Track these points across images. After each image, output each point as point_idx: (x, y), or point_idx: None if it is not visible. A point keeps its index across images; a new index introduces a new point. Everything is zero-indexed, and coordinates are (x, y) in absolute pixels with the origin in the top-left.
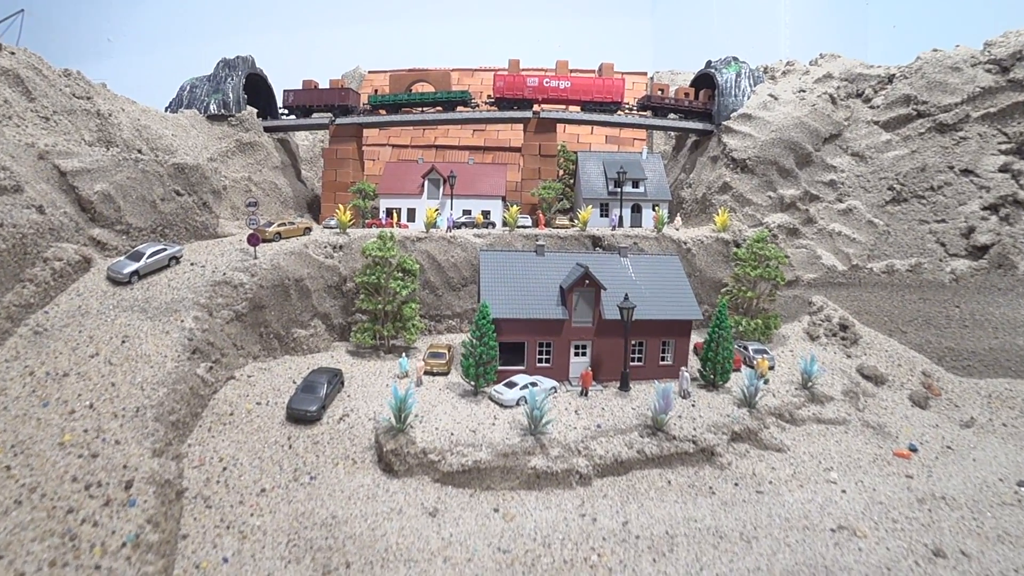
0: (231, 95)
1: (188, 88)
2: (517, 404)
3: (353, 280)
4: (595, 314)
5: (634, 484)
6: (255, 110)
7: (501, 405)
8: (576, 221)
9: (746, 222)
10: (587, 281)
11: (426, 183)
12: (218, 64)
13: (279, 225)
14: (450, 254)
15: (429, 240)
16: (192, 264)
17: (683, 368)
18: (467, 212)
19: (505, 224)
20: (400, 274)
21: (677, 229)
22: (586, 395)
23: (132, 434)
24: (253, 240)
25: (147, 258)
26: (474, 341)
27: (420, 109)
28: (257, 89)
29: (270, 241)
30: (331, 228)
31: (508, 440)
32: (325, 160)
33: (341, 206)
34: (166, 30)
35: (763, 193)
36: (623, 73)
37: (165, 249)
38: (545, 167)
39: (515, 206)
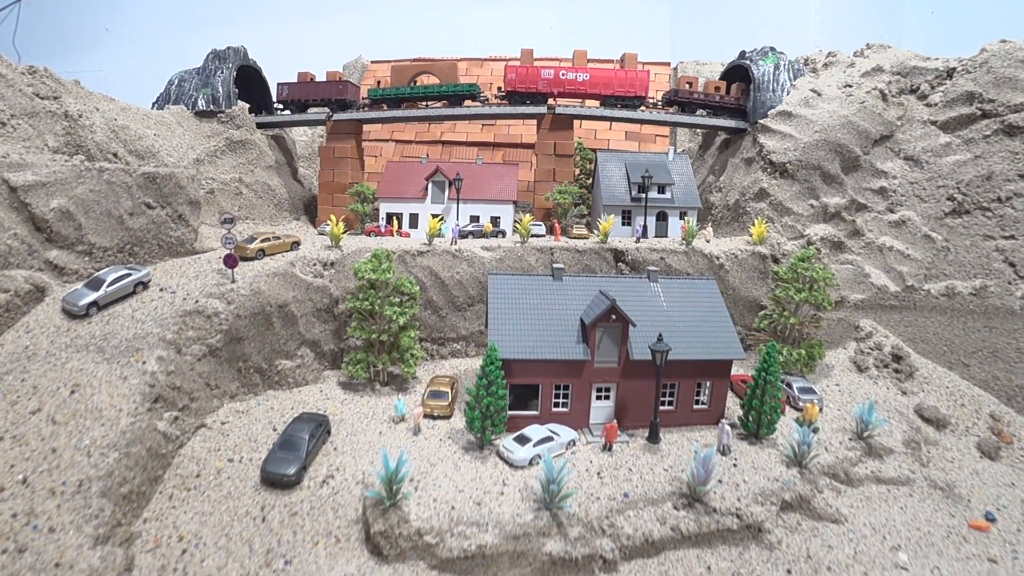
0: (220, 90)
1: (176, 82)
2: (530, 464)
3: (345, 303)
4: (621, 353)
5: (667, 570)
6: (246, 105)
7: (511, 465)
8: (596, 231)
9: (785, 234)
10: (613, 316)
11: (430, 186)
12: (208, 56)
13: (262, 241)
14: (455, 270)
15: (431, 254)
16: (161, 290)
17: (724, 421)
18: (475, 219)
19: (516, 231)
20: (397, 298)
21: (707, 241)
22: (610, 450)
23: (71, 517)
24: (229, 262)
25: (108, 286)
26: (480, 391)
27: (424, 103)
28: (250, 82)
29: (252, 259)
30: (325, 235)
31: (519, 517)
32: (321, 159)
33: (333, 217)
34: (165, 18)
35: (804, 201)
36: (644, 64)
37: (130, 274)
38: (560, 168)
39: (528, 215)
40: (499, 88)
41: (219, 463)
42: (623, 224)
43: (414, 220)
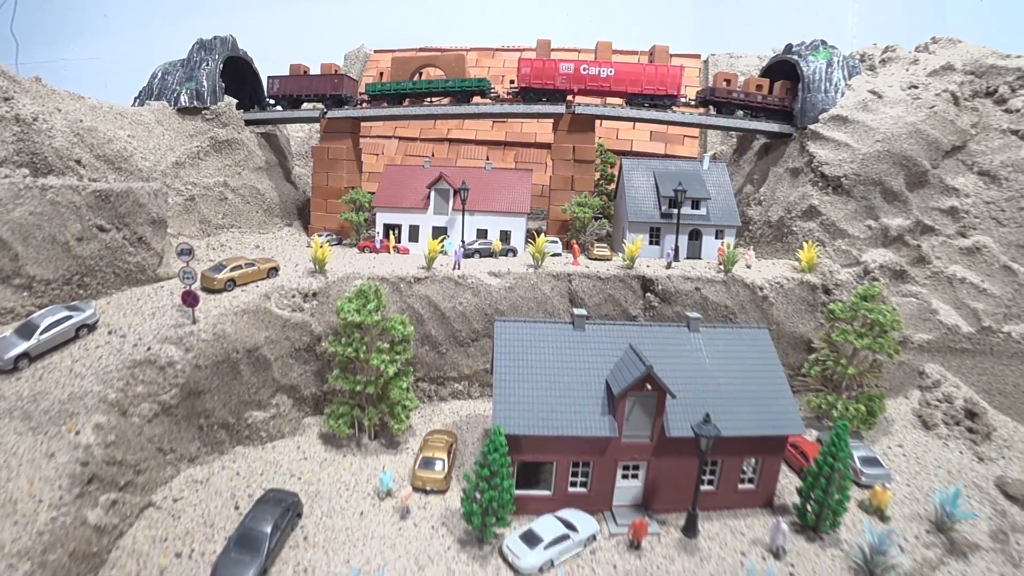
0: (205, 84)
1: (159, 75)
2: (540, 572)
3: (326, 344)
4: (655, 427)
5: None
6: (234, 101)
7: (516, 573)
8: (621, 254)
9: (838, 259)
10: (648, 385)
11: (432, 194)
12: (193, 46)
13: (232, 269)
14: (458, 300)
15: (431, 281)
16: (110, 333)
17: (780, 519)
18: (482, 234)
19: (527, 249)
20: (386, 343)
21: (748, 267)
22: (638, 548)
23: None
24: (189, 300)
25: (41, 333)
26: (480, 483)
27: (428, 99)
28: (241, 75)
29: (221, 291)
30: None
31: None
32: (315, 160)
33: (316, 239)
34: (165, 3)
35: (860, 222)
36: (673, 57)
37: (70, 316)
38: (579, 175)
39: (542, 235)
40: (511, 82)
41: (163, 559)
42: (650, 242)
43: (414, 233)
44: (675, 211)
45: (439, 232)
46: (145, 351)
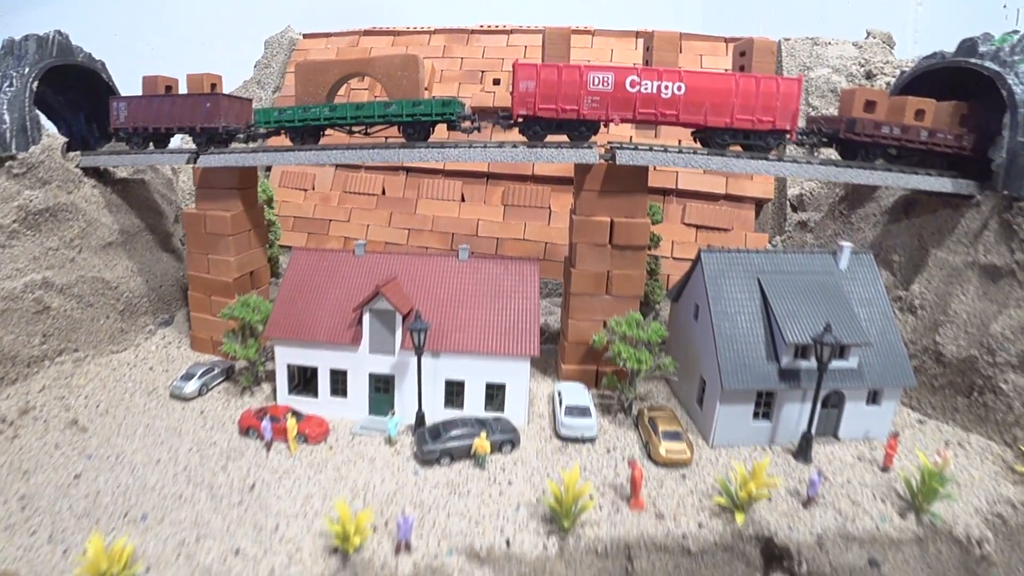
0: (7, 116)
1: None
2: None
3: None
4: None
5: None
6: (60, 141)
7: None
8: (708, 441)
9: None
10: None
11: (367, 319)
12: None
13: None
14: None
15: None
16: None
17: None
18: (454, 392)
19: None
20: None
21: (943, 496)
22: None
23: None
24: None
25: None
26: None
27: (363, 129)
28: (91, 92)
29: None
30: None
31: None
32: (187, 234)
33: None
34: None
35: None
36: (729, 41)
37: None
38: (622, 269)
39: (564, 480)
40: (494, 81)
41: None
42: (756, 415)
43: (339, 382)
44: (806, 365)
45: (380, 384)
46: None
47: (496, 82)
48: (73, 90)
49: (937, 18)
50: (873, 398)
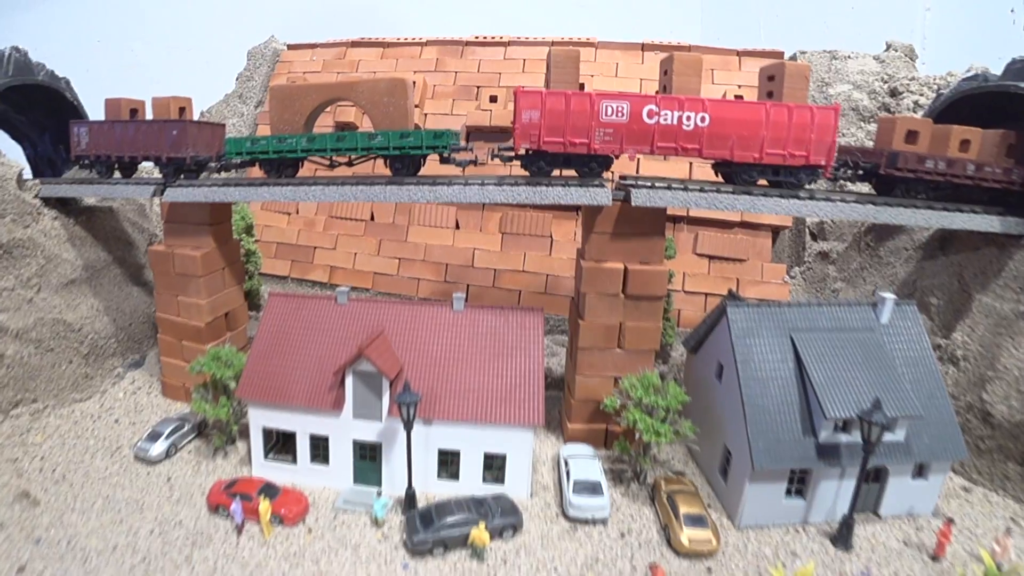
0: None
1: None
2: None
3: None
4: None
5: None
6: (16, 168)
7: None
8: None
9: None
10: None
11: (350, 381)
12: None
13: None
14: None
15: None
16: None
17: None
18: (448, 461)
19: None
20: None
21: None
22: None
23: None
24: None
25: None
26: None
27: (348, 157)
28: (54, 113)
29: None
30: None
31: None
32: (155, 273)
33: None
34: None
35: None
36: (741, 54)
37: None
38: (636, 320)
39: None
40: (491, 98)
41: None
42: (788, 492)
43: (320, 449)
44: (847, 439)
45: (365, 452)
46: None
47: (493, 99)
48: (36, 109)
49: (944, 25)
50: (919, 471)
